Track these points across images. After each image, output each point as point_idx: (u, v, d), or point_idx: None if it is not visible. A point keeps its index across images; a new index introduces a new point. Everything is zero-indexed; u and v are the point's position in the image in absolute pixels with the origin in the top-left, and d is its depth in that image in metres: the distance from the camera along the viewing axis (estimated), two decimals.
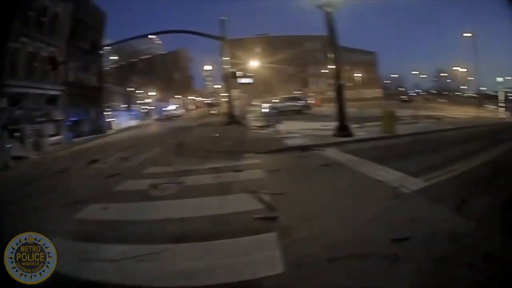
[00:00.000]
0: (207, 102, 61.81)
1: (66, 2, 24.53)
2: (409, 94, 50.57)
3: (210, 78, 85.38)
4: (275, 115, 16.44)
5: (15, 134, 19.37)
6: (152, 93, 53.08)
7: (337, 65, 11.60)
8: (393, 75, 78.58)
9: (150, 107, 53.55)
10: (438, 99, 46.15)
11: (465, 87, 60.23)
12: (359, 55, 67.89)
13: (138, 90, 47.80)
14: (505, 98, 21.03)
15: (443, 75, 69.79)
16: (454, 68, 57.62)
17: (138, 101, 48.49)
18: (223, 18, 20.28)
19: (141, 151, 12.79)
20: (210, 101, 58.21)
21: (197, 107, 74.81)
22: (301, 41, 65.88)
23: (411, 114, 16.16)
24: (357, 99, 35.59)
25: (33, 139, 20.83)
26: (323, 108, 29.06)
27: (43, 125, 22.06)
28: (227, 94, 21.34)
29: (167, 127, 28.25)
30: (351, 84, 42.79)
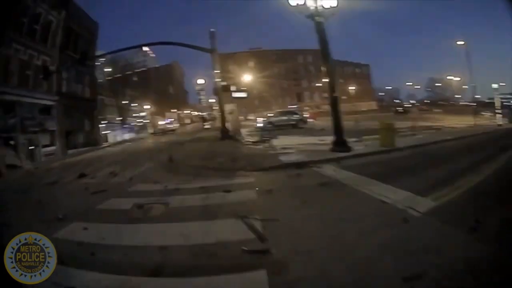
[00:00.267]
0: (201, 116, 62.03)
1: (59, 11, 24.46)
2: (404, 106, 50.94)
3: (204, 92, 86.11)
4: (270, 129, 16.09)
5: (10, 142, 19.27)
6: (146, 106, 53.03)
7: (330, 76, 11.18)
8: (387, 87, 79.81)
9: (145, 121, 53.41)
10: (434, 109, 46.45)
11: (459, 96, 61.25)
12: (352, 68, 68.96)
13: (132, 103, 47.70)
14: (501, 105, 20.98)
15: (437, 84, 70.90)
16: (448, 77, 58.54)
17: (133, 114, 48.34)
18: (213, 30, 20.17)
19: (131, 166, 12.60)
20: (204, 116, 58.42)
21: (192, 121, 75.20)
22: (294, 54, 66.90)
23: (408, 125, 15.87)
24: (352, 112, 35.65)
25: (27, 148, 20.66)
26: (318, 121, 28.97)
27: (37, 135, 21.88)
28: (220, 108, 21.02)
29: (161, 141, 28.12)
30: (345, 97, 43.13)
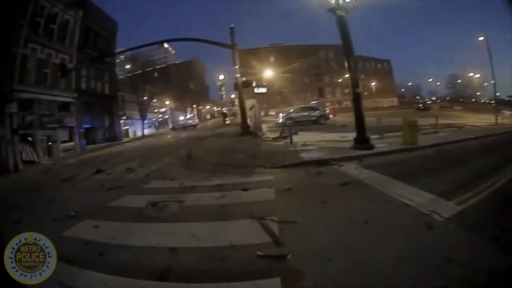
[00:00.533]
0: (221, 112, 62.37)
1: (76, 10, 25.06)
2: (425, 102, 49.57)
3: (224, 88, 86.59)
4: (290, 125, 15.97)
5: (27, 139, 19.82)
6: (167, 102, 53.79)
7: (353, 71, 10.84)
8: (409, 83, 77.76)
9: (166, 116, 54.21)
10: (455, 106, 45.06)
11: (479, 93, 59.00)
12: (373, 64, 67.38)
13: (153, 99, 48.43)
14: None
15: (458, 81, 68.42)
16: (469, 74, 56.34)
17: (154, 110, 49.17)
18: (232, 25, 20.23)
19: (149, 161, 12.67)
20: (224, 111, 58.69)
21: (212, 116, 75.83)
22: (315, 50, 66.05)
23: (430, 123, 15.33)
24: (373, 108, 35.08)
25: (45, 144, 21.30)
26: (339, 117, 28.56)
27: (55, 131, 22.50)
28: (240, 104, 21.05)
29: (180, 136, 28.34)
30: (366, 93, 42.36)
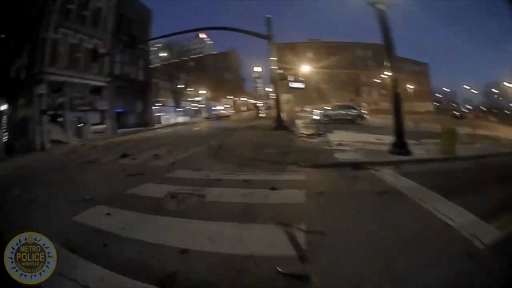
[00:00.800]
0: (256, 104, 62.56)
1: None
2: (461, 110, 47.21)
3: (260, 80, 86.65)
4: (326, 123, 15.82)
5: (57, 120, 20.96)
6: (202, 91, 54.60)
7: (393, 70, 10.33)
8: (445, 89, 73.69)
9: (200, 105, 55.11)
10: (490, 116, 42.44)
11: None
12: (410, 65, 64.27)
13: (188, 88, 49.33)
14: None
15: (494, 91, 63.91)
16: (505, 84, 52.50)
17: (188, 99, 50.12)
18: (269, 16, 20.15)
19: (178, 149, 12.73)
20: (258, 104, 58.74)
21: (247, 108, 76.23)
22: (353, 47, 64.42)
23: (466, 132, 14.49)
24: (409, 112, 33.75)
25: (75, 126, 22.38)
26: (375, 118, 27.82)
27: (86, 113, 23.53)
28: (276, 97, 21.09)
29: (213, 126, 28.68)
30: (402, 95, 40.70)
